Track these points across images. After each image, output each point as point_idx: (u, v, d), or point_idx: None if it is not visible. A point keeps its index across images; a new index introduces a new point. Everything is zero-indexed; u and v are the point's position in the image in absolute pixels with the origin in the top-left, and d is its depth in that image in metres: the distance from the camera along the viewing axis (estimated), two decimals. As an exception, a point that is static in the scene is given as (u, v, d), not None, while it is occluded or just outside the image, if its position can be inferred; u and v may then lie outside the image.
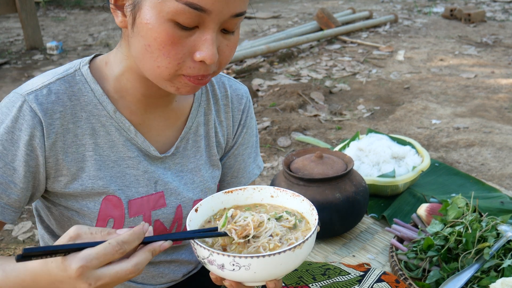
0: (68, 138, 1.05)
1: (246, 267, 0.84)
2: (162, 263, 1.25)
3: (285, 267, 0.87)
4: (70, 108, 1.05)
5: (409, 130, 3.77)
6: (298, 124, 3.81)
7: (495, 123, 3.86)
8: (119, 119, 1.09)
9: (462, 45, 6.18)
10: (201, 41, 0.92)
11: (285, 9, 9.04)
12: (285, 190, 1.04)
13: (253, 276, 0.86)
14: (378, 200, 2.43)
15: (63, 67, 1.10)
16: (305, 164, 2.12)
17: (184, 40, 0.92)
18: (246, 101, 1.29)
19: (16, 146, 1.00)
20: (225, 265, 0.86)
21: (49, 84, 1.04)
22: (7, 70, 5.61)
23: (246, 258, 0.83)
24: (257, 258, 0.83)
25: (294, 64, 5.56)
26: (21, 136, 0.99)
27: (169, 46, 0.92)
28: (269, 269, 0.85)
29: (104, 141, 1.08)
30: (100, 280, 0.80)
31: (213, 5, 0.88)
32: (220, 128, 1.25)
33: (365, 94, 4.61)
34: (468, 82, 4.85)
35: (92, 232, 0.84)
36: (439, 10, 8.30)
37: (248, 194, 1.07)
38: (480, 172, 3.08)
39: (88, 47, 6.61)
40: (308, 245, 0.89)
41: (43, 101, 1.01)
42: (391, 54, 5.87)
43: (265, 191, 1.06)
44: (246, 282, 0.91)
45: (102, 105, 1.07)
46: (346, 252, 2.08)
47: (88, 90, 1.07)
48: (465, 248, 1.70)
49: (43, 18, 8.66)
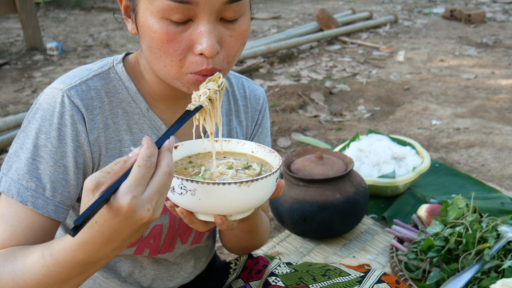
0: (108, 134, 1.06)
1: (192, 191, 0.87)
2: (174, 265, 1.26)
3: (230, 201, 0.89)
4: (108, 104, 1.06)
5: (409, 131, 3.77)
6: (298, 125, 3.80)
7: (495, 123, 3.86)
8: (152, 117, 1.10)
9: (462, 46, 6.18)
10: (197, 34, 0.92)
11: (285, 10, 9.05)
12: (264, 147, 1.07)
13: (199, 203, 0.89)
14: (378, 201, 2.43)
15: (95, 63, 1.11)
16: (305, 165, 2.12)
17: (180, 36, 0.92)
18: (263, 102, 1.31)
19: (64, 143, 1.00)
20: (175, 188, 0.89)
21: (86, 80, 1.05)
22: (7, 71, 5.61)
23: (192, 182, 0.86)
24: (202, 184, 0.86)
25: (294, 64, 5.56)
26: (67, 132, 1.00)
27: (167, 44, 0.92)
28: (213, 198, 0.88)
29: (137, 138, 1.10)
30: (153, 200, 0.77)
31: None
32: (239, 128, 1.26)
33: (365, 94, 4.61)
34: (468, 82, 4.85)
35: (108, 171, 0.77)
36: (439, 11, 8.30)
37: (232, 146, 1.10)
38: (480, 172, 3.08)
39: (88, 47, 6.61)
40: (257, 187, 0.89)
41: (84, 97, 1.02)
42: (391, 55, 5.87)
43: (247, 146, 1.09)
44: (194, 211, 0.94)
45: (135, 103, 1.09)
46: (346, 253, 2.08)
47: (122, 88, 1.08)
48: (465, 249, 1.70)
49: (43, 18, 8.66)
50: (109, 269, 1.19)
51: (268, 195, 0.95)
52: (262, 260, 1.40)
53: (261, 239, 1.30)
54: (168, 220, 1.15)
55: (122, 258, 1.19)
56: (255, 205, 0.94)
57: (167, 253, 1.22)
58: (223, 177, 0.96)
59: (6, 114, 4.32)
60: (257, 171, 1.00)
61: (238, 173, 0.98)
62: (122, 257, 1.19)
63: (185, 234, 1.22)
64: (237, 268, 1.40)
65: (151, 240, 1.16)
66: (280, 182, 0.98)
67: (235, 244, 1.32)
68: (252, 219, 1.14)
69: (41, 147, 1.00)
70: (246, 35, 0.99)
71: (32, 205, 0.98)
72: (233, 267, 1.41)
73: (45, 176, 0.99)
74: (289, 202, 2.04)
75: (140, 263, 1.22)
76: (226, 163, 1.03)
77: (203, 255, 1.36)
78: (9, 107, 4.50)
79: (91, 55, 6.20)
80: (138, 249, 1.17)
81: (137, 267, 1.22)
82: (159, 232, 1.16)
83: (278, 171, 0.95)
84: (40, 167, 0.99)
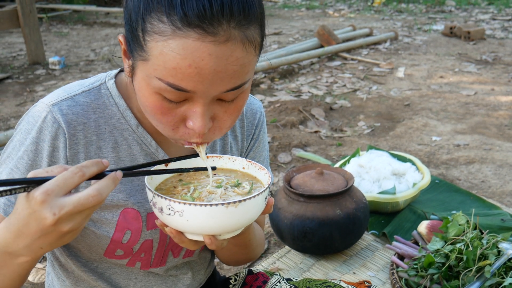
0: (91, 150, 1.06)
1: (180, 213, 0.87)
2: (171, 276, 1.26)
3: (219, 222, 0.89)
4: (94, 120, 1.06)
5: (409, 147, 3.77)
6: (299, 140, 3.81)
7: (496, 140, 3.87)
8: (141, 134, 1.10)
9: (462, 63, 6.21)
10: (191, 112, 0.91)
11: (286, 26, 9.11)
12: (255, 164, 1.06)
13: (187, 224, 0.89)
14: (378, 217, 2.43)
15: (88, 79, 1.11)
16: (306, 181, 2.12)
17: (174, 110, 0.91)
18: (260, 116, 1.29)
19: (40, 157, 1.02)
20: (163, 209, 0.90)
21: (74, 95, 1.05)
22: (9, 85, 5.64)
23: (179, 203, 0.87)
24: (189, 205, 0.86)
25: (295, 80, 5.58)
26: (45, 147, 1.01)
27: (160, 115, 0.92)
28: (201, 219, 0.88)
29: (125, 154, 1.09)
30: (63, 208, 0.78)
31: (195, 87, 0.86)
32: (234, 143, 1.26)
33: (366, 110, 4.62)
34: (468, 99, 4.87)
35: (47, 170, 0.82)
36: (439, 28, 8.36)
37: (223, 162, 1.10)
38: (481, 189, 3.08)
39: (90, 62, 6.65)
40: (245, 207, 0.89)
41: (68, 112, 1.02)
42: (391, 71, 5.90)
43: (238, 162, 1.09)
44: (183, 231, 0.93)
45: (125, 119, 1.08)
46: (347, 269, 2.07)
47: (112, 104, 1.08)
48: (466, 266, 1.69)
49: (46, 33, 8.73)
50: (105, 280, 1.19)
51: (257, 214, 0.95)
52: (262, 276, 1.40)
53: (254, 252, 1.30)
54: (159, 235, 1.15)
55: (117, 270, 1.19)
56: (244, 224, 0.94)
57: (159, 267, 1.22)
58: (212, 196, 0.96)
59: (7, 128, 4.34)
60: (247, 189, 1.00)
61: (227, 192, 0.98)
62: (117, 268, 1.19)
63: (176, 248, 1.22)
64: (237, 283, 1.40)
65: (142, 254, 1.16)
66: (270, 199, 0.98)
67: (228, 257, 1.32)
68: (245, 234, 1.14)
69: (19, 158, 1.02)
70: (241, 108, 0.97)
71: (3, 212, 1.02)
72: (232, 283, 1.40)
73: None
74: (289, 217, 2.04)
75: (135, 275, 1.21)
76: (216, 180, 1.02)
77: (201, 268, 1.35)
78: (11, 121, 4.52)
79: (93, 70, 6.23)
80: (130, 262, 1.17)
81: (132, 279, 1.21)
82: (150, 247, 1.16)
83: (267, 189, 0.94)
84: (15, 177, 1.02)
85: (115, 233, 1.09)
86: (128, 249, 1.13)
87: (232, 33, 0.84)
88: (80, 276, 1.18)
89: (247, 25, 0.86)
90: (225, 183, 1.02)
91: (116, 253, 1.13)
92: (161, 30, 0.83)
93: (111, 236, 1.09)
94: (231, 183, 1.02)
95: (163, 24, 0.83)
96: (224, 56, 0.84)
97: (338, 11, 10.98)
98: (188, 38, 0.82)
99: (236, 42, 0.85)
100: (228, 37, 0.84)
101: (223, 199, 0.95)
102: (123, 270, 1.20)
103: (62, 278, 1.21)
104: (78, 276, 1.19)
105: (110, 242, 1.10)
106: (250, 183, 1.02)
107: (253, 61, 0.91)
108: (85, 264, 1.17)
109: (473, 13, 10.04)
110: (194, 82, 0.85)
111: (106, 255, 1.13)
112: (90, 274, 1.17)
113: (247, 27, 0.86)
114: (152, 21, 0.84)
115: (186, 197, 0.96)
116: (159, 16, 0.83)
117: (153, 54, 0.85)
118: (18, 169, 1.02)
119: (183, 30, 0.82)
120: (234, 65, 0.86)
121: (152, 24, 0.84)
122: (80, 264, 1.17)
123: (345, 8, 11.55)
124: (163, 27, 0.83)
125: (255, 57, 0.91)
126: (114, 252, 1.12)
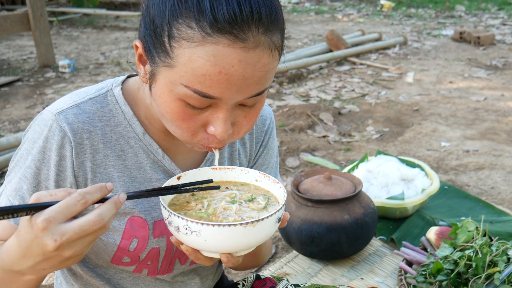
0: (98, 158, 1.05)
1: (197, 233, 0.87)
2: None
3: (236, 241, 0.89)
4: (101, 128, 1.05)
5: (418, 152, 3.76)
6: (307, 145, 3.81)
7: (505, 146, 3.84)
8: (148, 142, 1.09)
9: (472, 68, 6.18)
10: (213, 118, 0.91)
11: (295, 30, 9.12)
12: (268, 176, 1.06)
13: (205, 243, 0.89)
14: (387, 223, 2.42)
15: (95, 86, 1.11)
16: (314, 185, 2.12)
17: (196, 117, 0.91)
18: (269, 123, 1.28)
19: (48, 166, 1.01)
20: (180, 228, 0.89)
21: (80, 103, 1.04)
22: (19, 87, 5.68)
23: (197, 224, 0.86)
24: (207, 226, 0.86)
25: (303, 84, 5.58)
26: (52, 156, 1.01)
27: (181, 121, 0.91)
28: (218, 239, 0.87)
29: (132, 162, 1.09)
30: (65, 234, 0.78)
31: (222, 94, 0.86)
32: (243, 150, 1.25)
33: (374, 115, 4.61)
34: (477, 104, 4.84)
35: (51, 194, 0.82)
36: (449, 33, 8.34)
37: (235, 174, 1.09)
38: (490, 195, 3.06)
39: (100, 65, 6.69)
40: (262, 226, 0.89)
41: (74, 121, 1.01)
42: (400, 76, 5.89)
43: (251, 174, 1.08)
44: (200, 249, 0.93)
45: (131, 127, 1.08)
46: (355, 275, 2.06)
47: (118, 112, 1.07)
48: (475, 273, 1.68)
49: (56, 36, 8.79)
50: (113, 285, 1.20)
51: (274, 230, 0.95)
52: (270, 282, 1.39)
53: (263, 258, 1.31)
54: (165, 243, 1.15)
55: (124, 276, 1.19)
56: (261, 241, 0.93)
57: (166, 274, 1.22)
58: (227, 212, 0.95)
59: (17, 130, 4.37)
60: (262, 205, 0.99)
61: (241, 207, 0.97)
62: (124, 274, 1.19)
63: (183, 256, 1.21)
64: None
65: (148, 262, 1.16)
66: (286, 215, 0.97)
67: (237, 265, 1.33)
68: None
69: (27, 168, 1.01)
70: (259, 112, 0.98)
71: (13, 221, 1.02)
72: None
73: (27, 196, 1.02)
74: (297, 222, 2.04)
75: (143, 280, 1.22)
76: (230, 195, 1.02)
77: (209, 273, 1.35)
78: (21, 123, 4.55)
79: (102, 73, 6.27)
80: (136, 269, 1.17)
81: (139, 284, 1.22)
82: (157, 255, 1.15)
83: (283, 207, 0.94)
84: (24, 186, 1.02)
85: (122, 240, 1.09)
86: (135, 257, 1.13)
87: (261, 39, 0.84)
88: (88, 280, 1.19)
89: (273, 31, 0.86)
90: (239, 197, 1.01)
91: (123, 260, 1.13)
92: (190, 36, 0.82)
93: (118, 244, 1.09)
94: (245, 197, 1.01)
95: (192, 30, 0.82)
96: (252, 62, 0.84)
97: (347, 16, 10.98)
98: (219, 44, 0.81)
99: (264, 48, 0.85)
100: (258, 43, 0.83)
101: (238, 215, 0.94)
102: (130, 276, 1.20)
103: (71, 282, 1.21)
104: (87, 281, 1.19)
105: (117, 249, 1.10)
106: (265, 198, 1.02)
107: (276, 66, 0.91)
108: (93, 269, 1.17)
109: (483, 18, 10.00)
110: (221, 88, 0.84)
111: (113, 262, 1.13)
112: (98, 279, 1.17)
113: (273, 33, 0.86)
114: (179, 27, 0.83)
115: (201, 214, 0.95)
116: (187, 21, 0.82)
117: (180, 61, 0.84)
118: (26, 178, 1.02)
119: (213, 36, 0.81)
120: (261, 71, 0.86)
121: (179, 30, 0.83)
122: (88, 270, 1.17)
123: (354, 13, 11.55)
124: (192, 33, 0.82)
125: (278, 63, 0.92)
126: (121, 259, 1.13)
